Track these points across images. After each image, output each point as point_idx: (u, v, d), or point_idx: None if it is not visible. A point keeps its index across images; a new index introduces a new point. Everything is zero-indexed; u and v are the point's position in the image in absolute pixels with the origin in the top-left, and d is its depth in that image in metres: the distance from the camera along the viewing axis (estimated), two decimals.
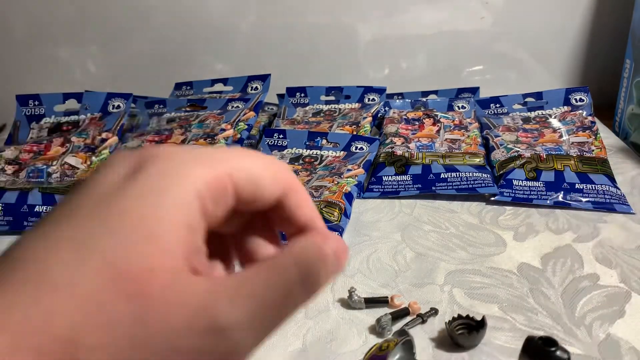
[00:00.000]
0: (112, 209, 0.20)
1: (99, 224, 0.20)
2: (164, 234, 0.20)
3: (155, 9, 0.85)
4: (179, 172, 0.21)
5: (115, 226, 0.20)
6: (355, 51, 0.88)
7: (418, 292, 0.43)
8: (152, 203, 0.20)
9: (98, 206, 0.21)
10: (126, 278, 0.19)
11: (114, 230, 0.20)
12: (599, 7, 0.84)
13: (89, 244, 0.19)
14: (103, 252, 0.19)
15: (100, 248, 0.19)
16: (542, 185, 0.56)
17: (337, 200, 0.52)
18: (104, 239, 0.19)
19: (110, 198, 0.21)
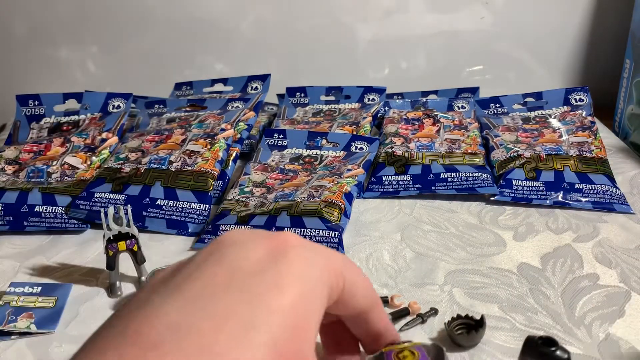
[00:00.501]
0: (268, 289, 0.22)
1: (260, 304, 0.21)
2: (310, 322, 0.22)
3: (155, 9, 0.85)
4: (315, 258, 0.24)
5: (273, 308, 0.21)
6: (355, 51, 0.88)
7: (418, 292, 0.43)
8: (302, 289, 0.22)
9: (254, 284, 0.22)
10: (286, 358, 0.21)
11: (273, 312, 0.21)
12: (599, 7, 0.84)
13: (254, 321, 0.21)
14: (269, 332, 0.21)
15: (265, 328, 0.21)
16: (541, 185, 0.56)
17: (337, 200, 0.52)
18: (266, 319, 0.21)
19: (264, 277, 0.22)
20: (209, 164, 0.57)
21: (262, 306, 0.21)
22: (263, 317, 0.21)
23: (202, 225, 0.53)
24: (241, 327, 0.20)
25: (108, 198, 0.55)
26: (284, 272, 0.22)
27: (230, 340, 0.20)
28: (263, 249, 0.24)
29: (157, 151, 0.60)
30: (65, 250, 0.51)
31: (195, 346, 0.19)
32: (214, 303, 0.21)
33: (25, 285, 0.44)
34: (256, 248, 0.24)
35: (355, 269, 0.26)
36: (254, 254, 0.23)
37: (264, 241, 0.24)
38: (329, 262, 0.24)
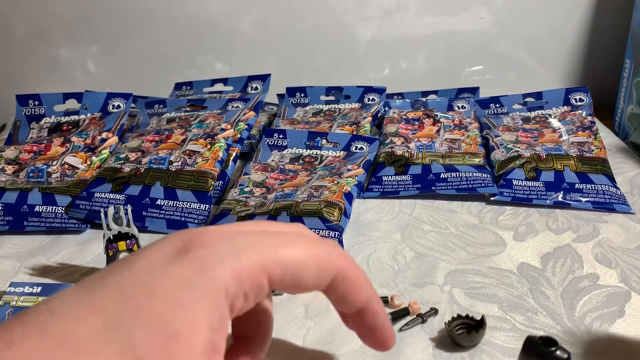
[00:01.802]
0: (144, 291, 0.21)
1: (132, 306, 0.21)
2: (189, 335, 0.21)
3: (155, 9, 0.85)
4: (215, 263, 0.22)
5: (146, 315, 0.21)
6: (355, 51, 0.88)
7: (418, 292, 0.43)
8: (183, 301, 0.21)
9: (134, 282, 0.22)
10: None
11: (143, 319, 0.21)
12: (599, 7, 0.84)
13: (117, 321, 0.21)
14: (130, 338, 0.20)
15: (127, 331, 0.20)
16: (541, 185, 0.56)
17: (337, 200, 0.52)
18: (132, 324, 0.21)
19: (146, 276, 0.22)
20: (209, 164, 0.57)
21: (129, 308, 0.21)
22: (127, 319, 0.21)
23: (202, 225, 0.53)
24: (102, 323, 0.20)
25: (108, 198, 0.55)
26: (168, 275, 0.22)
27: (87, 334, 0.20)
28: (174, 245, 0.23)
29: (157, 151, 0.60)
30: (65, 250, 0.51)
31: (54, 329, 0.20)
32: (89, 294, 0.22)
33: (25, 285, 0.44)
34: (168, 244, 0.24)
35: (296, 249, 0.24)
36: (159, 252, 0.23)
37: (182, 236, 0.24)
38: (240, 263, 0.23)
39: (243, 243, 0.24)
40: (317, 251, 0.25)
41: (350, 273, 0.26)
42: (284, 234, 0.25)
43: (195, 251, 0.23)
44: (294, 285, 0.24)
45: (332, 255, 0.25)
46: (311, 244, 0.25)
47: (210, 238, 0.24)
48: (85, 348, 0.20)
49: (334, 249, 0.26)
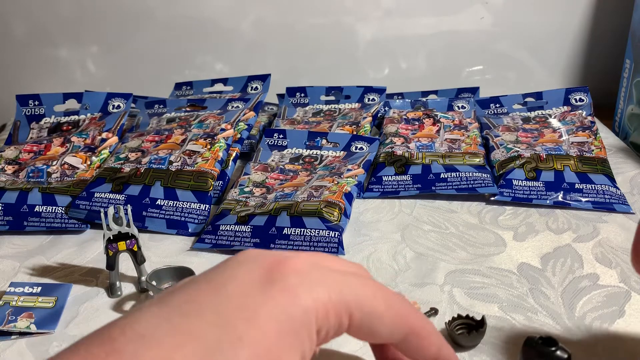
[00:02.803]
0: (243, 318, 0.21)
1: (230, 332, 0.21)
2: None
3: (155, 9, 0.85)
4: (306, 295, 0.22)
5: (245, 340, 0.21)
6: (355, 51, 0.88)
7: (418, 292, 0.43)
8: (280, 326, 0.21)
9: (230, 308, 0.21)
10: None
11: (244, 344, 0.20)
12: (599, 7, 0.84)
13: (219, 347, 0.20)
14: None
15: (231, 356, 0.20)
16: (541, 185, 0.56)
17: (337, 200, 0.52)
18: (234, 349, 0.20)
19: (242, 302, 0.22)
20: (209, 164, 0.57)
21: (230, 334, 0.21)
22: (228, 346, 0.20)
23: (202, 225, 0.53)
24: (203, 350, 0.20)
25: (108, 198, 0.55)
26: (264, 303, 0.22)
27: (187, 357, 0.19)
28: (259, 270, 0.23)
29: (157, 151, 0.60)
30: (65, 250, 0.51)
31: (151, 358, 0.19)
32: (183, 320, 0.21)
33: (25, 285, 0.44)
34: (252, 269, 0.23)
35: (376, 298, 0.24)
36: (247, 275, 0.23)
37: (265, 261, 0.23)
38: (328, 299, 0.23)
39: (332, 278, 0.24)
40: (396, 307, 0.25)
41: (423, 330, 0.26)
42: (366, 280, 0.25)
43: (285, 281, 0.23)
44: (368, 332, 0.25)
45: (407, 310, 0.26)
46: (389, 297, 0.25)
47: (299, 267, 0.24)
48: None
49: (410, 307, 0.26)
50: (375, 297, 0.24)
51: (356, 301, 0.24)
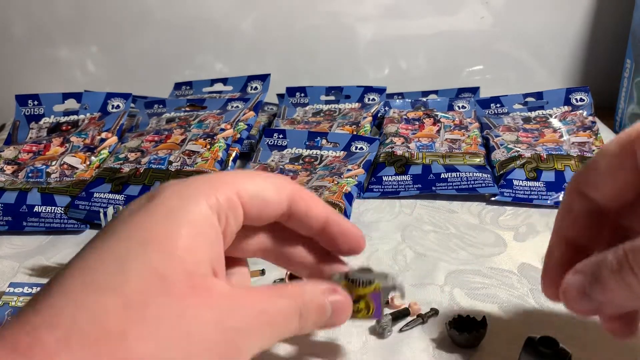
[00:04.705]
0: (141, 226, 0.24)
1: (134, 241, 0.23)
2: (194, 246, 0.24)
3: (155, 9, 0.85)
4: (191, 195, 0.25)
5: (150, 240, 0.23)
6: (355, 51, 0.87)
7: (418, 292, 0.43)
8: (176, 220, 0.24)
9: (128, 225, 0.24)
10: (168, 281, 0.22)
11: (149, 244, 0.23)
12: (599, 7, 0.84)
13: (130, 255, 0.23)
14: (146, 261, 0.22)
15: (141, 258, 0.23)
16: (542, 185, 0.56)
17: (337, 201, 0.52)
18: (143, 251, 0.23)
19: (137, 218, 0.24)
20: (208, 164, 0.57)
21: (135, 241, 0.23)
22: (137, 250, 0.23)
23: None
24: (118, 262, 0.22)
25: (107, 198, 0.54)
26: (155, 209, 0.24)
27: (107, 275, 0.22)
28: (145, 197, 0.26)
29: (157, 151, 0.60)
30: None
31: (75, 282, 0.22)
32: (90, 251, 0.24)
33: (25, 286, 0.44)
34: (140, 199, 0.26)
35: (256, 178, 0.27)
36: (135, 204, 0.25)
37: (149, 192, 0.26)
38: (213, 190, 0.25)
39: (210, 178, 0.26)
40: (274, 178, 0.28)
41: (304, 192, 0.29)
42: (238, 170, 0.29)
43: (167, 190, 0.25)
44: (261, 207, 0.27)
45: (284, 180, 0.28)
46: (266, 175, 0.28)
47: (177, 181, 0.26)
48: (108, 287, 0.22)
49: (286, 178, 0.29)
50: (256, 177, 0.28)
51: (240, 184, 0.26)
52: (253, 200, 0.27)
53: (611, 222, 0.29)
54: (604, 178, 0.27)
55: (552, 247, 0.30)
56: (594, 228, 0.29)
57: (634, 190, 0.27)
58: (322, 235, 0.30)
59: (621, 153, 0.26)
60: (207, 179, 0.26)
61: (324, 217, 0.29)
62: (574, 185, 0.29)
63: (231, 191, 0.26)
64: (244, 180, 0.27)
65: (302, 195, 0.28)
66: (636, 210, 0.28)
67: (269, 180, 0.28)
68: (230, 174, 0.27)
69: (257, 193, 0.27)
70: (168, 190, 0.25)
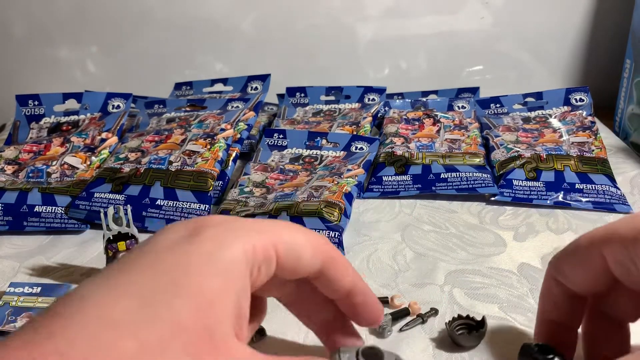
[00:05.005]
0: (174, 267, 0.23)
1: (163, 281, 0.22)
2: (222, 302, 0.23)
3: (155, 9, 0.85)
4: (232, 239, 0.24)
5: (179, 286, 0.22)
6: (355, 51, 0.88)
7: (418, 292, 0.43)
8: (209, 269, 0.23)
9: (161, 260, 0.23)
10: (190, 335, 0.21)
11: (178, 290, 0.22)
12: (599, 7, 0.84)
13: (155, 296, 0.21)
14: (170, 309, 0.21)
15: (166, 303, 0.21)
16: (542, 185, 0.56)
17: (337, 200, 0.52)
18: (169, 296, 0.21)
19: (171, 255, 0.23)
20: (208, 164, 0.57)
21: (164, 281, 0.22)
22: (163, 293, 0.21)
23: None
24: (139, 301, 0.21)
25: (108, 198, 0.54)
26: (192, 251, 0.23)
27: (126, 313, 0.21)
28: (184, 228, 0.25)
29: (157, 151, 0.60)
30: (65, 250, 0.51)
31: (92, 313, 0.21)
32: (119, 277, 0.22)
33: (25, 286, 0.44)
34: (179, 229, 0.25)
35: (295, 232, 0.27)
36: (174, 235, 0.25)
37: (189, 222, 0.26)
38: (252, 238, 0.25)
39: (251, 224, 0.26)
40: (312, 236, 0.28)
41: (338, 257, 0.28)
42: (279, 221, 0.28)
43: (208, 231, 0.24)
44: (294, 263, 0.26)
45: (323, 241, 0.28)
46: (305, 230, 0.28)
47: (219, 220, 0.25)
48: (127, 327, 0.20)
49: (323, 237, 0.28)
50: (295, 231, 0.27)
51: (279, 236, 0.26)
52: (288, 255, 0.26)
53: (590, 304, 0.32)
54: (574, 271, 0.30)
55: (538, 327, 0.33)
56: (574, 310, 0.32)
57: (605, 285, 0.29)
58: (344, 300, 0.30)
59: (592, 252, 0.28)
60: (250, 224, 0.26)
61: (351, 284, 0.29)
62: (551, 272, 0.32)
63: (269, 241, 0.25)
64: (283, 232, 0.26)
65: (336, 259, 0.28)
66: (610, 297, 0.31)
67: (308, 236, 0.27)
68: (271, 223, 0.27)
69: (293, 248, 0.26)
70: (211, 230, 0.24)
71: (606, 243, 0.28)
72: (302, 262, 0.27)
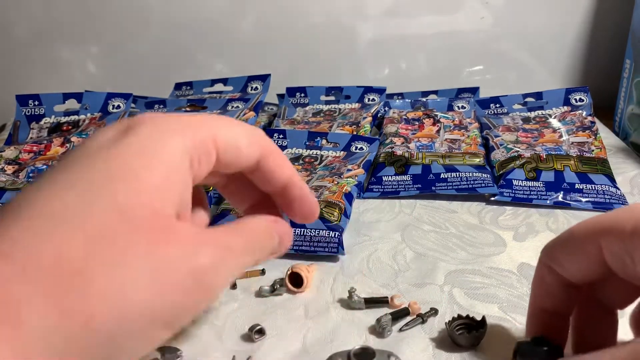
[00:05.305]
0: (110, 161, 0.22)
1: (100, 173, 0.22)
2: (164, 188, 0.23)
3: (155, 9, 0.85)
4: (168, 133, 0.24)
5: (117, 175, 0.22)
6: (355, 51, 0.88)
7: (418, 292, 0.43)
8: (149, 158, 0.23)
9: (95, 158, 0.23)
10: (134, 217, 0.21)
11: (116, 178, 0.22)
12: (599, 7, 0.84)
13: (94, 188, 0.21)
14: (111, 196, 0.21)
15: (106, 192, 0.21)
16: (542, 185, 0.56)
17: (337, 200, 0.52)
18: (108, 185, 0.21)
19: (106, 152, 0.23)
20: None
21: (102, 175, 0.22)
22: (103, 183, 0.21)
23: None
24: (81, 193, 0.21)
25: None
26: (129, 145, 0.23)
27: (68, 206, 0.21)
28: (115, 130, 0.24)
29: None
30: None
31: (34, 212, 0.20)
32: (54, 176, 0.22)
33: None
34: (109, 130, 0.24)
35: (232, 126, 0.26)
36: (105, 135, 0.24)
37: (118, 123, 0.25)
38: (190, 132, 0.24)
39: (187, 119, 0.25)
40: (249, 129, 0.27)
41: (275, 149, 0.28)
42: (217, 115, 0.27)
43: (142, 127, 0.24)
44: (233, 156, 0.26)
45: (260, 133, 0.28)
46: (242, 124, 0.27)
47: (152, 116, 0.25)
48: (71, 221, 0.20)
49: (259, 130, 0.28)
50: (231, 123, 0.26)
51: (216, 127, 0.25)
52: (227, 148, 0.26)
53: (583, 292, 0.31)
54: (569, 261, 0.30)
55: (530, 317, 0.33)
56: (567, 298, 0.31)
57: (599, 274, 0.29)
58: (280, 194, 0.29)
59: (588, 243, 0.28)
60: (185, 119, 0.25)
61: (288, 177, 0.28)
62: (544, 260, 0.31)
63: (208, 135, 0.25)
64: (221, 125, 0.26)
65: (274, 152, 0.28)
66: (603, 285, 0.31)
67: (245, 130, 0.27)
68: (208, 117, 0.26)
69: (232, 141, 0.26)
70: (145, 127, 0.24)
71: (603, 234, 0.27)
72: (240, 156, 0.26)
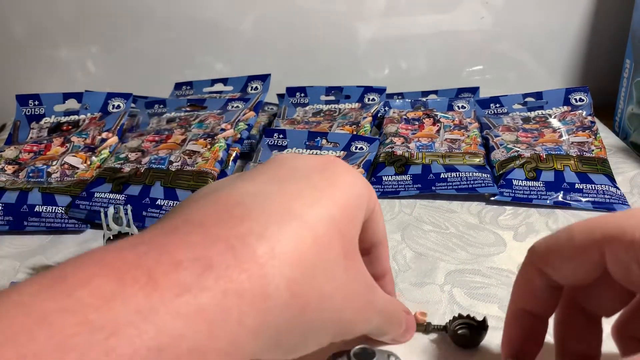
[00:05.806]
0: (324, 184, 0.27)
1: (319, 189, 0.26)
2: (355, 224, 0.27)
3: (155, 8, 0.85)
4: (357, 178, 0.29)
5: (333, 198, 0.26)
6: (355, 51, 0.88)
7: (418, 292, 0.43)
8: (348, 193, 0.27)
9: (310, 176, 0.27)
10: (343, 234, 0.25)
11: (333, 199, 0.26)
12: (599, 7, 0.84)
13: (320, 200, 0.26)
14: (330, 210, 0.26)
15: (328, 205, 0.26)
16: (542, 185, 0.56)
17: None
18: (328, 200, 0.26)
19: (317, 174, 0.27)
20: (209, 164, 0.57)
21: (324, 193, 0.26)
22: (326, 198, 0.25)
23: None
24: (309, 200, 0.25)
25: (108, 198, 0.55)
26: (336, 175, 0.27)
27: (304, 206, 0.24)
28: (315, 159, 0.29)
29: (157, 151, 0.60)
30: (65, 250, 0.51)
31: (275, 206, 0.23)
32: (283, 185, 0.25)
33: None
34: (310, 158, 0.29)
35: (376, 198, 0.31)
36: (309, 161, 0.28)
37: (315, 156, 0.29)
38: (367, 184, 0.29)
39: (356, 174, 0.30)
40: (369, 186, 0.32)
41: (385, 240, 0.33)
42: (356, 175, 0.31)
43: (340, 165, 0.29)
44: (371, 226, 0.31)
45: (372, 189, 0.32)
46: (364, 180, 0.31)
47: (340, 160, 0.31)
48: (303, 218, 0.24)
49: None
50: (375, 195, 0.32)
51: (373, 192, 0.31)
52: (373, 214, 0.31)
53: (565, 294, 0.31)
54: (566, 265, 0.28)
55: (510, 318, 0.32)
56: (551, 299, 0.31)
57: (593, 278, 0.28)
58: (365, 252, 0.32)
59: (590, 248, 0.27)
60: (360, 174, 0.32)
61: (382, 236, 0.33)
62: (534, 262, 0.30)
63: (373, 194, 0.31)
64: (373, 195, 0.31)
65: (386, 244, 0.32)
66: (591, 290, 0.30)
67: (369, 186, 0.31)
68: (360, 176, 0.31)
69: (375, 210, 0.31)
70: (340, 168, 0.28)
71: (608, 241, 0.26)
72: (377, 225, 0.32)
